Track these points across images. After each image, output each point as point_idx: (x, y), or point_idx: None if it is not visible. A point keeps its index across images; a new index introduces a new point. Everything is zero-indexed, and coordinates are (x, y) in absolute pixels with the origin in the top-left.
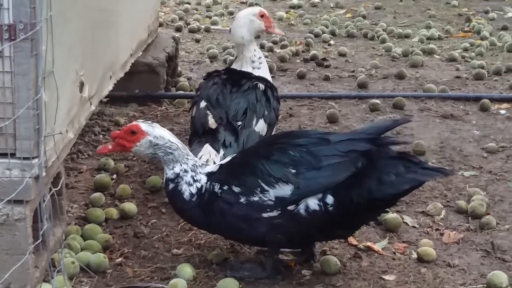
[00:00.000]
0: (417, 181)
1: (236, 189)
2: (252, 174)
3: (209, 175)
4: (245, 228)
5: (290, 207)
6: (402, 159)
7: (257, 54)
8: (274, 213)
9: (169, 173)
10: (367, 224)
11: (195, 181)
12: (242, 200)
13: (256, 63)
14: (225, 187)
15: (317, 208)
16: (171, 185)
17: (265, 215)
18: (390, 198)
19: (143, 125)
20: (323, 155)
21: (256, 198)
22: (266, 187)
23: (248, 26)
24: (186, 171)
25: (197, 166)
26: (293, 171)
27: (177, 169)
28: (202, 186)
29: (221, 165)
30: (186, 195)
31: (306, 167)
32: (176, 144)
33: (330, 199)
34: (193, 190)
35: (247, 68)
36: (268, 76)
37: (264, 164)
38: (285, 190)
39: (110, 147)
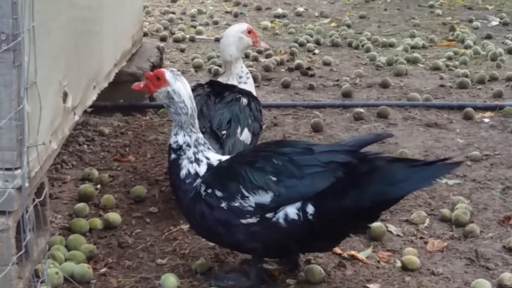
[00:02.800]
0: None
1: (219, 193)
2: (234, 180)
3: (209, 168)
4: (222, 233)
5: (269, 215)
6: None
7: (244, 70)
8: (253, 220)
9: (172, 141)
10: (348, 235)
11: (196, 160)
12: (223, 205)
13: (244, 78)
14: (209, 190)
15: (296, 217)
16: (172, 155)
17: (243, 221)
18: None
19: (168, 74)
20: (304, 165)
21: (236, 204)
22: (246, 193)
23: (237, 44)
24: (188, 145)
25: (199, 143)
26: (274, 179)
27: (180, 139)
28: (197, 177)
29: (219, 162)
30: (183, 173)
31: (287, 175)
32: (188, 109)
33: (310, 208)
34: (192, 170)
35: (233, 82)
36: (253, 90)
37: (247, 171)
38: (265, 197)
39: (141, 85)
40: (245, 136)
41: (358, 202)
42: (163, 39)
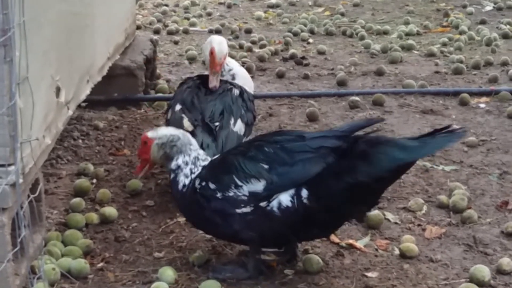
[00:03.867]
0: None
1: (212, 186)
2: (227, 171)
3: (202, 169)
4: (220, 224)
5: (263, 203)
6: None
7: (226, 68)
8: (248, 209)
9: (172, 164)
10: (345, 221)
11: (192, 173)
12: (218, 195)
13: (227, 77)
14: (203, 183)
15: (289, 205)
16: (172, 175)
17: (238, 210)
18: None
19: (149, 133)
20: (295, 151)
21: (231, 194)
22: (239, 183)
23: (206, 54)
24: (186, 163)
25: (198, 159)
26: (266, 166)
27: (180, 160)
28: (192, 179)
29: (210, 161)
30: (180, 186)
31: (279, 163)
32: (178, 136)
33: (304, 194)
34: (187, 182)
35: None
36: (244, 85)
37: (240, 160)
38: (258, 185)
39: (141, 167)
40: (239, 127)
41: (352, 182)
42: (156, 31)
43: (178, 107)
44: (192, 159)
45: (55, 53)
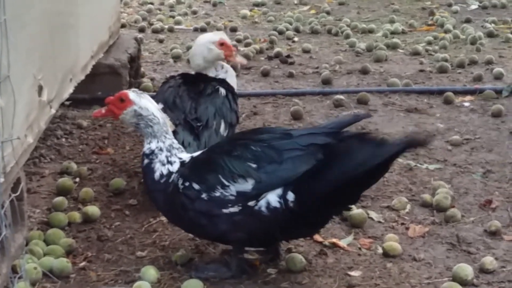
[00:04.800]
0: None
1: (196, 186)
2: (213, 171)
3: (182, 164)
4: (206, 224)
5: (251, 203)
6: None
7: (223, 69)
8: (235, 209)
9: (145, 148)
10: (331, 219)
11: (168, 162)
12: (204, 196)
13: (222, 75)
14: (187, 183)
15: (277, 205)
16: (145, 161)
17: (225, 211)
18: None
19: (131, 94)
20: (284, 149)
21: (217, 194)
22: (226, 183)
23: (204, 54)
24: (161, 149)
25: (173, 148)
26: (254, 165)
27: (153, 145)
28: (171, 174)
29: (191, 157)
30: (156, 175)
31: (267, 161)
32: (158, 119)
33: (290, 195)
34: (164, 171)
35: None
36: (231, 81)
37: (226, 160)
38: (246, 185)
39: (103, 111)
40: (223, 127)
41: (339, 178)
42: (141, 30)
43: (159, 106)
44: (167, 146)
45: (38, 51)
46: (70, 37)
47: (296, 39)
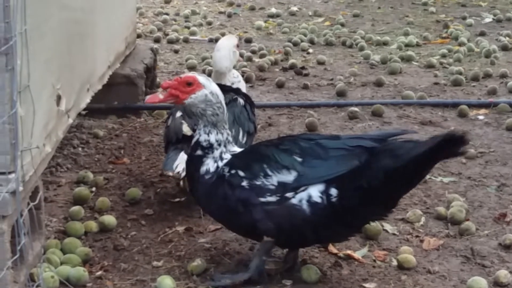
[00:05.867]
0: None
1: (241, 173)
2: (259, 160)
3: (231, 156)
4: (241, 212)
5: (288, 194)
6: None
7: (235, 73)
8: (272, 198)
9: (203, 139)
10: (367, 223)
11: (220, 158)
12: (245, 183)
13: (236, 84)
14: (233, 171)
15: (319, 200)
16: (198, 151)
17: (262, 199)
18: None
19: (201, 78)
20: (331, 148)
21: (258, 182)
22: (270, 172)
23: (231, 58)
24: (219, 143)
25: (228, 142)
26: (300, 159)
27: (213, 137)
28: (218, 168)
29: (241, 151)
30: (203, 169)
31: (312, 156)
32: (224, 108)
33: (333, 191)
34: (212, 168)
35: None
36: (241, 86)
37: (273, 151)
38: (288, 176)
39: (161, 97)
40: (241, 135)
41: (372, 181)
42: (157, 40)
43: (178, 114)
44: (224, 139)
45: (56, 61)
46: (87, 47)
47: (310, 50)
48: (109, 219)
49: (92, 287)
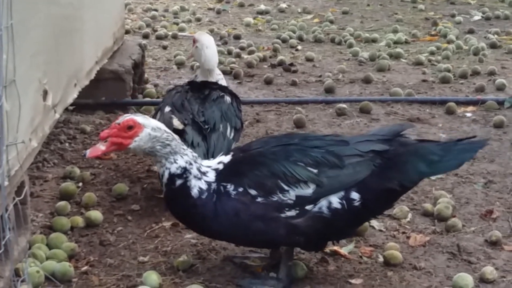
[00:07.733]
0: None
1: (252, 192)
2: (271, 176)
3: (218, 171)
4: (261, 229)
5: (308, 207)
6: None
7: (218, 72)
8: (292, 213)
9: (173, 168)
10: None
11: (202, 173)
12: (259, 200)
13: (220, 81)
14: (240, 189)
15: (339, 206)
16: (178, 181)
17: (282, 215)
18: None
19: (139, 118)
20: (344, 155)
21: (275, 198)
22: (286, 187)
23: (216, 53)
24: (191, 163)
25: (196, 157)
26: (315, 171)
27: (181, 162)
28: (211, 184)
29: (224, 164)
30: (195, 192)
31: (328, 166)
32: (172, 135)
33: (355, 195)
34: (203, 186)
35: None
36: (224, 83)
37: (286, 165)
38: (307, 190)
39: (103, 148)
40: (228, 131)
41: (401, 183)
42: (145, 36)
43: (167, 108)
44: (191, 157)
45: (43, 56)
46: (74, 42)
47: (299, 47)
48: (96, 214)
49: (78, 282)
